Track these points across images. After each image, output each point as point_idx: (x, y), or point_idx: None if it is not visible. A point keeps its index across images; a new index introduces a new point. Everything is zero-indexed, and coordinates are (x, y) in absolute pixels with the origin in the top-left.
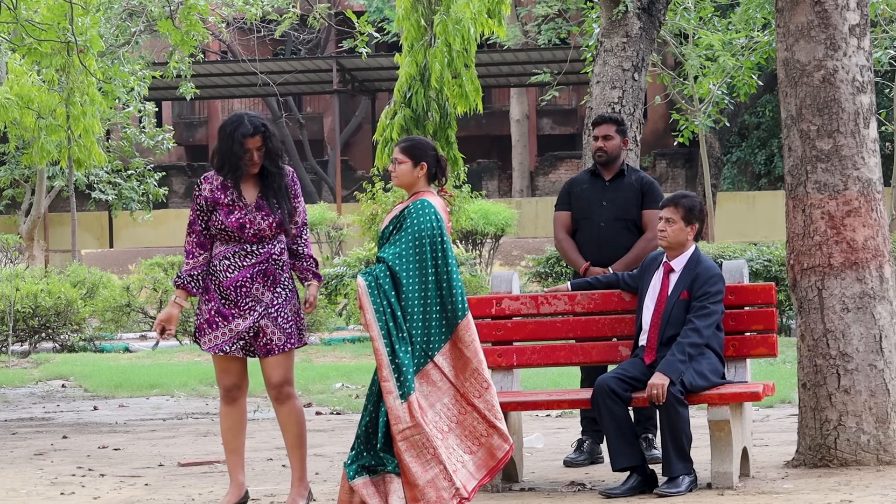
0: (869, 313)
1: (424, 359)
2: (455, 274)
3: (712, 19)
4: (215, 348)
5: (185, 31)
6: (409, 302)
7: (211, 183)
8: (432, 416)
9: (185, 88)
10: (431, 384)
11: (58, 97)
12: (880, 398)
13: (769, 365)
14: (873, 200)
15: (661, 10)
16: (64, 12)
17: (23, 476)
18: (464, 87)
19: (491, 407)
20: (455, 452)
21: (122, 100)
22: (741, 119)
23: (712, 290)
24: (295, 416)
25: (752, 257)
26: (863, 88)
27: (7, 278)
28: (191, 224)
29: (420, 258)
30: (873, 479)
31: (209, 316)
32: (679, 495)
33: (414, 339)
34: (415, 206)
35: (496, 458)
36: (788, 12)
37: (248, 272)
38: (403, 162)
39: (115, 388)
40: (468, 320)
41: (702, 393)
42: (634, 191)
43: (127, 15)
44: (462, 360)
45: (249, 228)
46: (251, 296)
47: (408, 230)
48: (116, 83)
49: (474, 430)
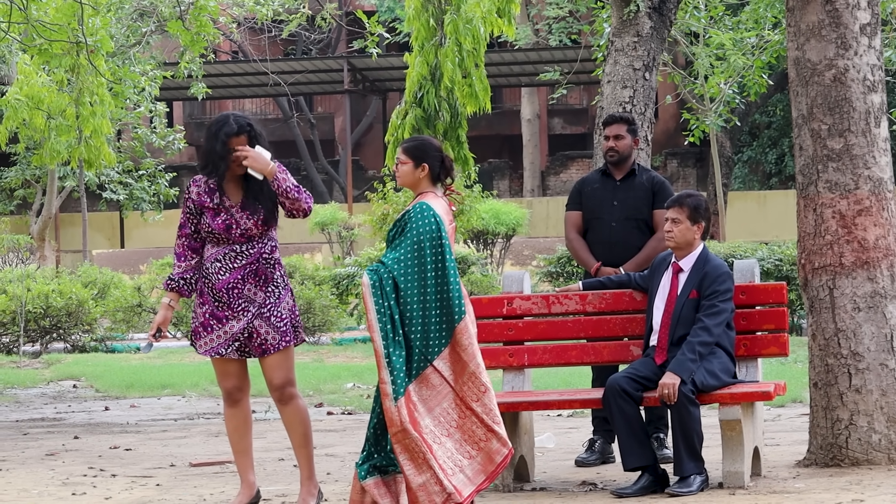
0: (880, 312)
1: (424, 363)
2: (454, 278)
3: (723, 18)
4: (211, 351)
5: (195, 32)
6: (407, 307)
7: (199, 186)
8: (430, 421)
9: (197, 88)
10: (431, 388)
11: (68, 98)
12: (891, 397)
13: (780, 364)
14: (884, 199)
15: (672, 9)
16: (74, 13)
17: (34, 476)
18: (473, 86)
19: (489, 411)
20: (454, 457)
21: (133, 100)
22: (752, 118)
23: (721, 289)
24: (299, 416)
25: (763, 257)
26: (874, 87)
27: (18, 279)
28: (181, 227)
29: (420, 263)
30: (885, 478)
31: (204, 319)
32: (690, 495)
33: (413, 343)
34: (415, 210)
35: (495, 462)
36: (799, 11)
37: (239, 273)
38: (405, 163)
39: (126, 388)
40: (465, 323)
41: (713, 392)
42: (645, 190)
43: (138, 15)
44: (460, 363)
45: (236, 229)
46: (244, 297)
47: (408, 235)
48: (126, 84)
49: (473, 435)
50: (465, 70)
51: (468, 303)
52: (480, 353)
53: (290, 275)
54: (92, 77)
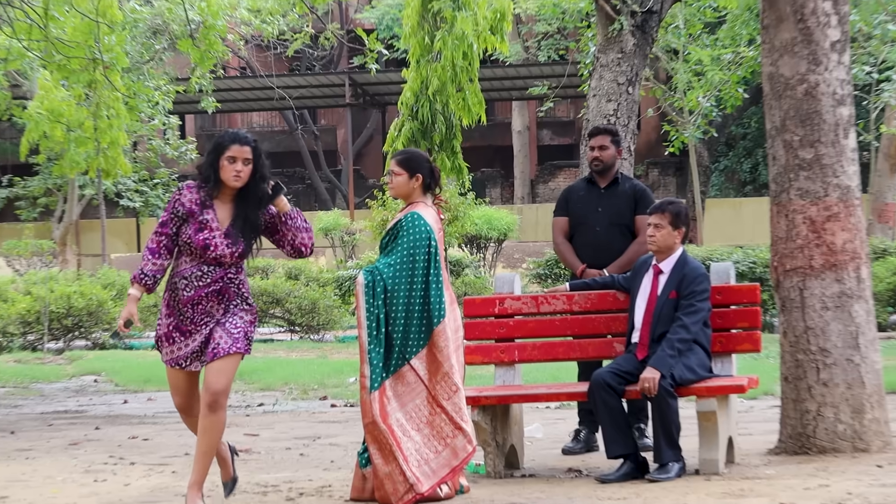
0: (847, 312)
1: (402, 361)
2: (437, 284)
3: (701, 36)
4: (172, 361)
5: (205, 50)
6: (393, 308)
7: (192, 193)
8: (402, 416)
9: (207, 102)
10: (406, 385)
11: (86, 111)
12: (857, 390)
13: (753, 360)
14: (852, 206)
15: (654, 27)
16: (91, 31)
17: (59, 464)
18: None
19: (458, 409)
20: (420, 450)
21: (147, 113)
22: (728, 130)
23: (698, 289)
24: (218, 427)
25: (738, 259)
26: (843, 101)
27: (42, 281)
28: (163, 224)
29: (411, 270)
30: (849, 465)
31: (167, 330)
32: (669, 480)
33: (394, 342)
34: (407, 220)
35: (459, 458)
36: (774, 29)
37: (203, 291)
38: (399, 174)
39: (143, 382)
40: (443, 326)
41: (690, 386)
42: (628, 197)
43: (151, 33)
44: (435, 363)
45: (212, 251)
46: (206, 311)
47: (402, 243)
48: (141, 98)
49: (441, 431)
50: (459, 84)
51: (454, 308)
52: (456, 356)
53: (296, 276)
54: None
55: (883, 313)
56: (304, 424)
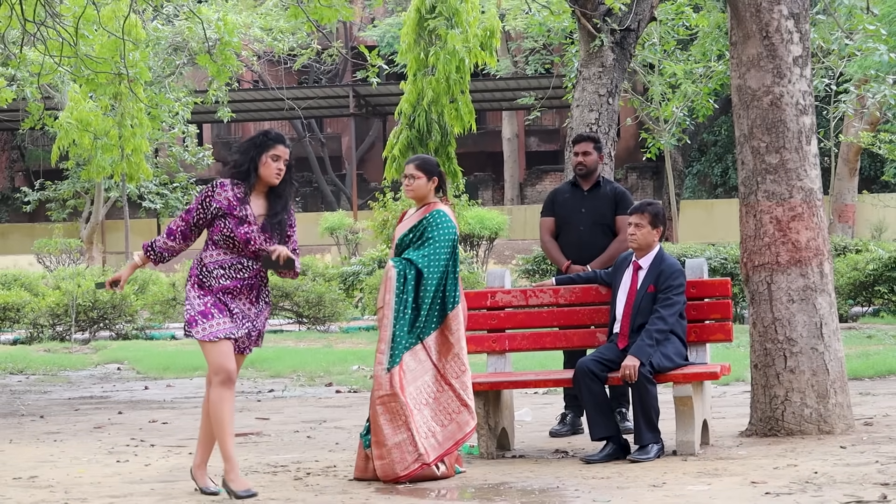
0: (811, 304)
1: (416, 340)
2: (457, 273)
3: (675, 52)
4: (220, 333)
5: (221, 64)
6: (424, 294)
7: (227, 191)
8: (413, 391)
9: (223, 112)
10: (417, 363)
11: (111, 121)
12: (821, 377)
13: (725, 349)
14: (814, 207)
15: (632, 44)
16: (117, 48)
17: (84, 446)
18: (460, 110)
19: (465, 387)
20: (428, 423)
21: (168, 123)
22: (700, 137)
23: (675, 284)
24: (231, 400)
25: (710, 256)
26: (805, 111)
27: (70, 276)
28: (188, 212)
29: (448, 260)
30: (815, 446)
31: (205, 308)
32: (649, 461)
33: (417, 324)
34: (434, 217)
35: (464, 432)
36: (741, 45)
37: (238, 283)
38: (419, 177)
39: (163, 370)
40: (457, 311)
41: (668, 373)
42: (609, 199)
43: (172, 50)
44: (447, 345)
45: (253, 245)
46: (238, 307)
47: (437, 237)
48: (162, 108)
49: (447, 407)
50: (452, 96)
51: (462, 295)
52: (465, 340)
53: (304, 273)
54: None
55: (844, 306)
56: (311, 409)
